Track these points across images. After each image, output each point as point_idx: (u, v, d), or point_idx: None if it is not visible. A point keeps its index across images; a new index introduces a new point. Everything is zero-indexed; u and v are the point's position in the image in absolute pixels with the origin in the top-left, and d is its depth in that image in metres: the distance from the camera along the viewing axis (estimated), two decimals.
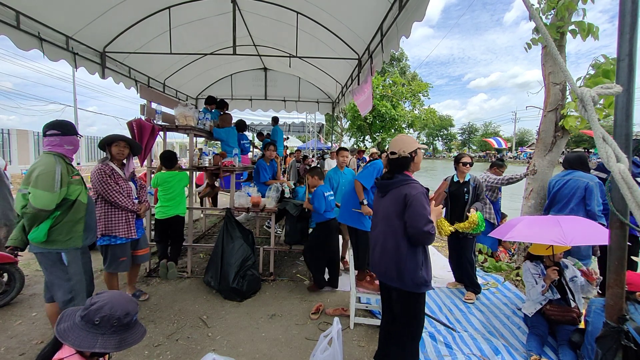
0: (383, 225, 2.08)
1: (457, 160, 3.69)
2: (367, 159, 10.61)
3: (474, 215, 3.37)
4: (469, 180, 3.61)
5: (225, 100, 6.13)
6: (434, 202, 2.11)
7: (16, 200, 2.33)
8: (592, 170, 3.76)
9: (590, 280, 2.78)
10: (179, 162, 4.20)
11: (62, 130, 2.38)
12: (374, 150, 11.91)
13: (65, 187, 2.34)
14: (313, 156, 17.10)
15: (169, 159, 3.96)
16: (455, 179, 3.71)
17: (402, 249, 1.96)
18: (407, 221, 1.91)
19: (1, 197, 3.55)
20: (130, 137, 3.49)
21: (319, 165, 4.38)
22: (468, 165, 3.63)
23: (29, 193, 2.23)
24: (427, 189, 2.08)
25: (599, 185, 3.41)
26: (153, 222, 4.13)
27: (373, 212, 2.27)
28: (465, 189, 3.59)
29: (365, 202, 3.63)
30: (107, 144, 2.99)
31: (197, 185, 7.38)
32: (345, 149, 4.43)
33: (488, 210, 4.74)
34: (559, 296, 2.79)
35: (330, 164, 8.06)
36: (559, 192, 3.64)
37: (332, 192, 3.80)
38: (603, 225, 3.00)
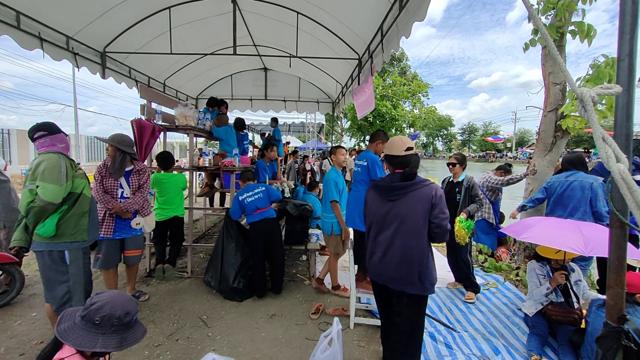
0: (396, 229, 1.96)
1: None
2: None
3: (456, 223, 3.35)
4: (462, 180, 3.62)
5: (225, 100, 6.14)
6: None
7: (22, 197, 2.34)
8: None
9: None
10: (177, 162, 4.20)
11: (48, 130, 2.40)
12: None
13: (70, 180, 2.38)
14: (313, 156, 17.13)
15: (165, 160, 3.94)
16: (450, 179, 3.74)
17: (424, 251, 1.91)
18: (435, 221, 1.89)
19: (1, 198, 3.53)
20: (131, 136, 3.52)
21: (253, 169, 4.17)
22: (451, 166, 3.68)
23: (37, 187, 2.24)
24: None
25: (602, 185, 3.31)
26: None
27: (374, 215, 2.10)
28: (457, 189, 3.59)
29: None
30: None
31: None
32: (341, 147, 3.92)
33: (487, 210, 4.75)
34: (562, 299, 2.78)
35: None
36: (563, 194, 3.44)
37: (254, 193, 3.62)
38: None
